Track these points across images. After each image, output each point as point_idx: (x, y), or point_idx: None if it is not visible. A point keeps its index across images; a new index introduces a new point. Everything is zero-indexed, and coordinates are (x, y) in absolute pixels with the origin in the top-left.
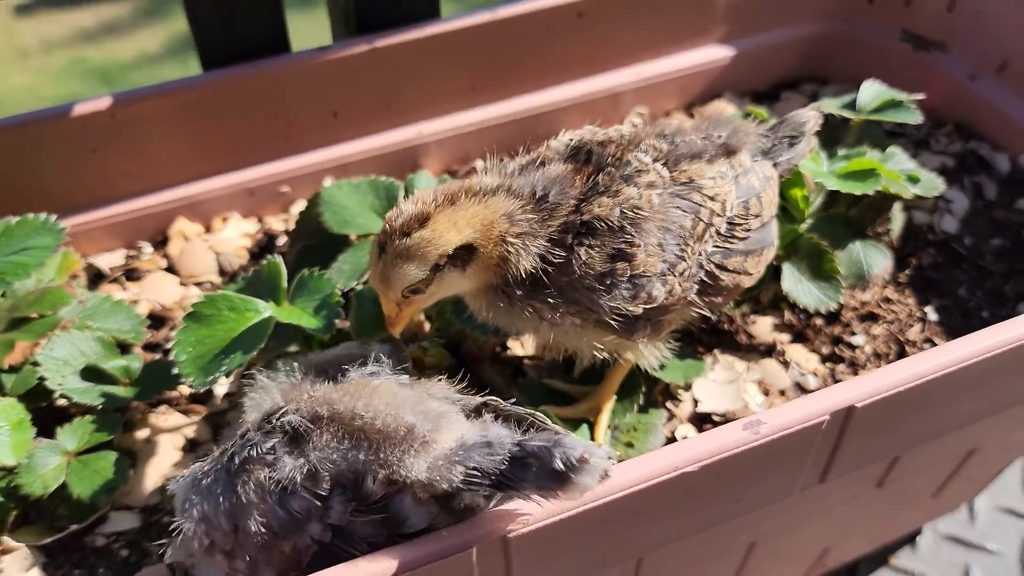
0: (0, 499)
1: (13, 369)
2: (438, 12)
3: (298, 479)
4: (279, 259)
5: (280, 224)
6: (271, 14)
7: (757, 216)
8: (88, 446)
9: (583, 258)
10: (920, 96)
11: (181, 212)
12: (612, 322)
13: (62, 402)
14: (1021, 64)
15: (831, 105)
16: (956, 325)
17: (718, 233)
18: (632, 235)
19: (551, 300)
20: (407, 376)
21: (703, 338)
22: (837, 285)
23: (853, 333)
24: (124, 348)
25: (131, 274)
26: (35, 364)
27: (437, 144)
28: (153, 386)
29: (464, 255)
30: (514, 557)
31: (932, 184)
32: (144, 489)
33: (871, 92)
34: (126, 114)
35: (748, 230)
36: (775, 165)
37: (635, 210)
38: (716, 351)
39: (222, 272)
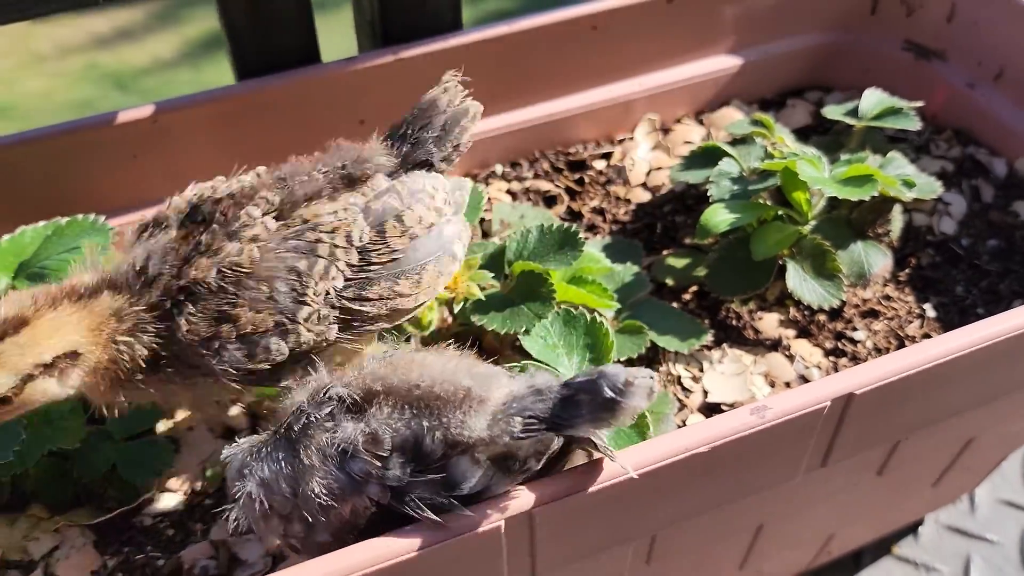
0: (56, 482)
1: None
2: (460, 24)
3: (360, 441)
4: None
5: None
6: (303, 27)
7: (401, 235)
8: (136, 432)
9: (185, 327)
10: (920, 103)
11: None
12: (237, 383)
13: None
14: (1016, 73)
15: (835, 112)
16: (953, 322)
17: (348, 265)
18: (234, 294)
19: (176, 370)
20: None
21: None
22: (839, 283)
23: (855, 329)
24: None
25: None
26: None
27: None
28: None
29: (67, 361)
30: (538, 531)
31: (931, 187)
32: (187, 473)
33: (872, 99)
34: (167, 121)
35: (392, 252)
36: (429, 165)
37: (234, 268)
38: (724, 345)
39: None
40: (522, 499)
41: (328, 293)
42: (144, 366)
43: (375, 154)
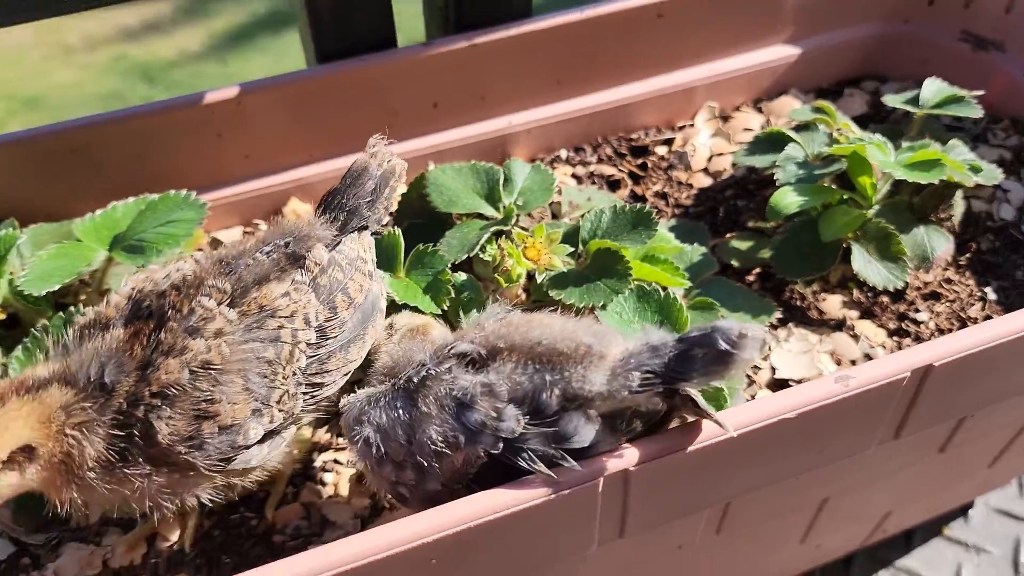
0: None
1: None
2: (530, 11)
3: (477, 392)
4: (399, 231)
5: None
6: (382, 13)
7: (349, 306)
8: None
9: (165, 430)
10: (980, 92)
11: (294, 193)
12: (216, 472)
13: None
14: None
15: (895, 100)
16: (1014, 305)
17: (308, 345)
18: (211, 391)
19: (143, 470)
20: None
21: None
22: (903, 265)
23: (917, 310)
24: None
25: None
26: None
27: (526, 134)
28: None
29: (22, 457)
30: (632, 490)
31: (991, 174)
32: None
33: (933, 88)
34: (250, 102)
35: (343, 325)
36: (364, 228)
37: (207, 366)
38: (790, 324)
39: None
40: (622, 457)
41: (295, 373)
42: (104, 463)
43: (314, 228)
